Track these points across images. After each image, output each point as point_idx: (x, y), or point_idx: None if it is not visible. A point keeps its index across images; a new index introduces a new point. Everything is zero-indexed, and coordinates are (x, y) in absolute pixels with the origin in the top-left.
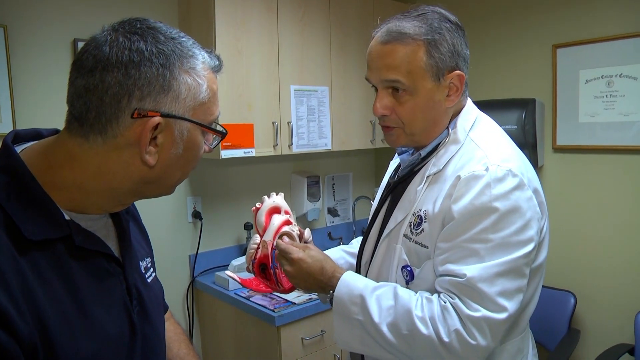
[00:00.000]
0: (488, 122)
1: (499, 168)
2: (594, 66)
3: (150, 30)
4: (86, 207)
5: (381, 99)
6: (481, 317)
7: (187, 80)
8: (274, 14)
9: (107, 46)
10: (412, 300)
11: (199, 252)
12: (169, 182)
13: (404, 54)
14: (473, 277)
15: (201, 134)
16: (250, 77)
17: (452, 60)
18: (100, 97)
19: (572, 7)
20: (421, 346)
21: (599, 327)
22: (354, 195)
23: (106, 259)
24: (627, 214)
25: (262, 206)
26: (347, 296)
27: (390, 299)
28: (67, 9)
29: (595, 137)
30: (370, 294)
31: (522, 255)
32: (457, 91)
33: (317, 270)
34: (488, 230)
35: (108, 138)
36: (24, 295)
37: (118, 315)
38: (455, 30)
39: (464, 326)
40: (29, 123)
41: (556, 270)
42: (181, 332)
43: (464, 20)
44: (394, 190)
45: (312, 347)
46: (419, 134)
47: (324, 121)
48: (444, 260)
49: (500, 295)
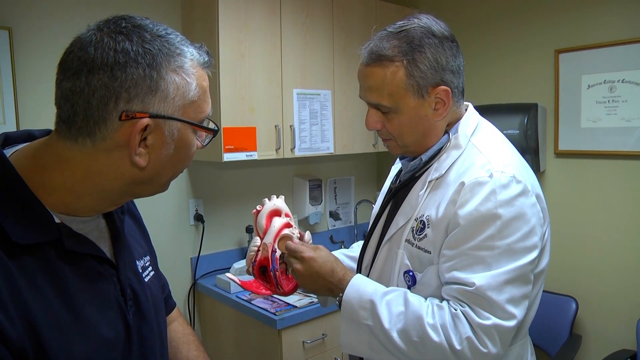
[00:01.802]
0: (489, 128)
1: (503, 175)
2: (597, 71)
3: (136, 29)
4: (78, 209)
5: (371, 116)
6: (492, 325)
7: (176, 79)
8: (277, 17)
9: (92, 47)
10: (423, 307)
11: (200, 254)
12: (161, 181)
13: (383, 76)
14: (482, 285)
15: (192, 133)
16: (253, 80)
17: (436, 75)
18: (87, 100)
19: (574, 12)
20: (432, 353)
21: (600, 333)
22: (355, 198)
23: (98, 261)
24: (629, 219)
25: (263, 209)
26: (356, 300)
27: (400, 305)
28: (71, 12)
29: (597, 142)
30: (380, 299)
31: (528, 262)
32: (444, 105)
33: (327, 272)
34: (494, 238)
35: (97, 140)
36: (13, 300)
37: (112, 317)
38: (439, 45)
39: (475, 334)
40: (33, 125)
41: (558, 275)
42: (190, 332)
43: (467, 26)
44: (396, 195)
45: (313, 351)
46: (411, 145)
47: (326, 125)
48: (450, 267)
49: (508, 302)
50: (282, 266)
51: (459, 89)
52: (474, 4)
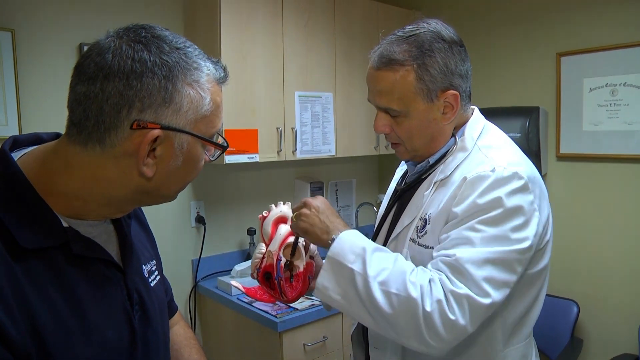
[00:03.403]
0: (496, 130)
1: (506, 170)
2: (598, 75)
3: (155, 40)
4: (85, 214)
5: (380, 119)
6: (463, 295)
7: (190, 93)
8: (279, 20)
9: (110, 54)
10: (408, 266)
11: (201, 257)
12: (168, 192)
13: (394, 81)
14: (462, 257)
15: (201, 147)
16: (255, 83)
17: (445, 80)
18: (99, 106)
19: (576, 15)
20: (404, 310)
21: (602, 337)
22: (357, 201)
23: (105, 265)
24: (631, 223)
25: (269, 215)
26: (349, 243)
27: (389, 262)
28: (74, 14)
29: (599, 145)
30: (373, 249)
31: (515, 250)
32: (452, 109)
33: (333, 212)
34: (487, 223)
35: (106, 147)
36: (18, 304)
37: (118, 321)
38: (448, 49)
39: (446, 299)
40: (35, 127)
41: (559, 278)
42: (191, 336)
43: (469, 29)
44: (402, 197)
45: (314, 353)
46: (420, 149)
47: (327, 127)
48: (439, 248)
49: (485, 280)
50: (286, 274)
51: (466, 93)
52: (476, 7)
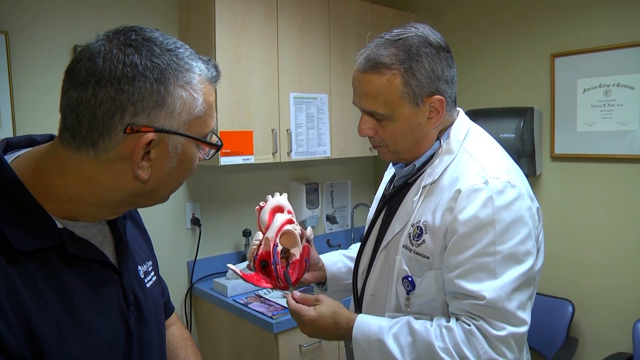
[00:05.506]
0: (481, 132)
1: (498, 181)
2: (592, 75)
3: (145, 42)
4: (80, 216)
5: (364, 122)
6: (508, 335)
7: (183, 94)
8: (274, 21)
9: (101, 59)
10: (430, 333)
11: (197, 258)
12: (162, 193)
13: (380, 84)
14: (493, 298)
15: (196, 147)
16: (250, 84)
17: (431, 85)
18: (92, 112)
19: (570, 16)
20: None
21: (597, 336)
22: (352, 202)
23: (101, 266)
24: (625, 222)
25: (266, 205)
26: (365, 344)
27: (407, 335)
28: (68, 16)
29: (593, 145)
30: (387, 335)
31: (529, 266)
32: (438, 114)
33: (331, 326)
34: (495, 243)
35: (100, 151)
36: (12, 307)
37: (114, 322)
38: (435, 55)
39: (492, 347)
40: (29, 129)
41: (554, 278)
42: (188, 337)
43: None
44: (390, 201)
45: (310, 355)
46: (404, 152)
47: (323, 129)
48: (454, 277)
49: (518, 308)
50: (282, 261)
51: (452, 99)
52: (470, 8)
